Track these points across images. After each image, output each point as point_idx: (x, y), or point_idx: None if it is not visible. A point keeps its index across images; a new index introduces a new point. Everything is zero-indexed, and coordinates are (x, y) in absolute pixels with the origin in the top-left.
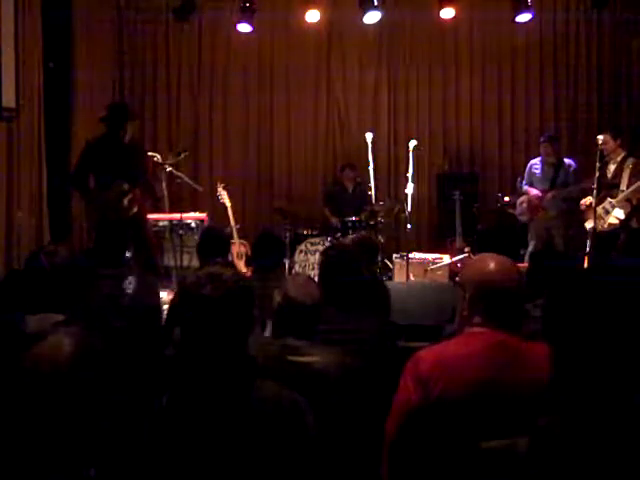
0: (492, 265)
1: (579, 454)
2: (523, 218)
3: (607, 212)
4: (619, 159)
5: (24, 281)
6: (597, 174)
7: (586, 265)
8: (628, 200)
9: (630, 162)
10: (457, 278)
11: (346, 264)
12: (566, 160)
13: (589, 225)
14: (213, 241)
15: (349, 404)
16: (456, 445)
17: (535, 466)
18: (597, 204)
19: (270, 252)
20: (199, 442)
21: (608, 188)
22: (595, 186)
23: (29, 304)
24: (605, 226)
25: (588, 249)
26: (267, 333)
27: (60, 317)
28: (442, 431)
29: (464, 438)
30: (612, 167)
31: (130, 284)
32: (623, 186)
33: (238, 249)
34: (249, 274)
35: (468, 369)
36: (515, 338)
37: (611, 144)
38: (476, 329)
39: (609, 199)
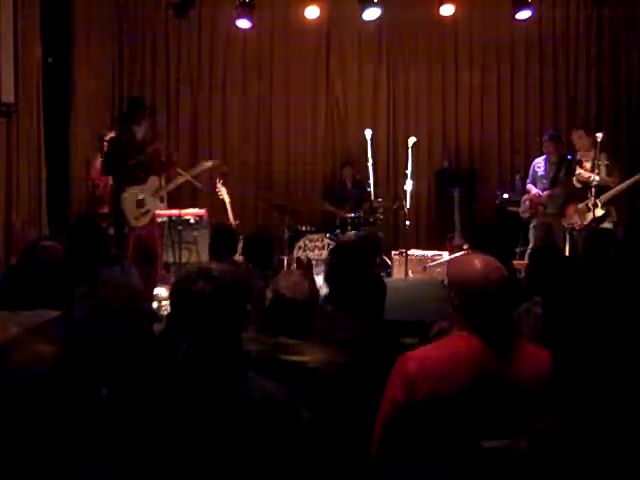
0: (477, 268)
1: (580, 456)
2: (525, 216)
3: (589, 209)
4: (592, 155)
5: (18, 276)
6: (593, 173)
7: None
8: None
9: (604, 157)
10: (445, 280)
11: (352, 265)
12: (570, 157)
13: (566, 222)
14: (225, 240)
15: (340, 403)
16: (440, 445)
17: (536, 466)
18: (579, 202)
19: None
20: (191, 437)
21: (587, 186)
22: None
23: (24, 299)
24: (585, 222)
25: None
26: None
27: (55, 313)
28: (426, 432)
29: (448, 439)
30: (588, 165)
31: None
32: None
33: None
34: None
35: (454, 372)
36: (501, 340)
37: (585, 140)
38: (463, 332)
39: (592, 198)
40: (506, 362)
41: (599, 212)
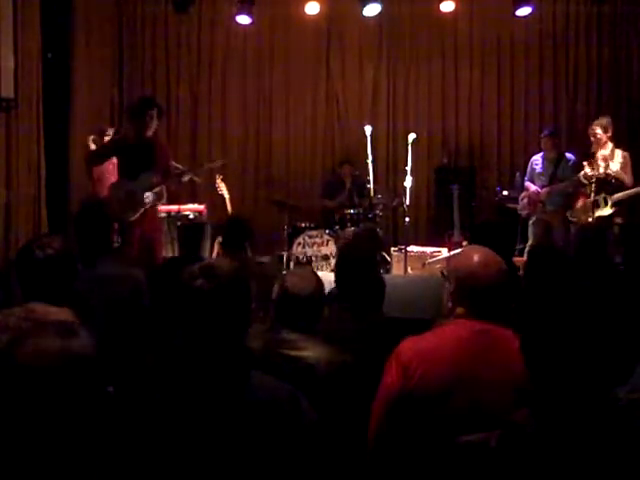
0: (475, 258)
1: (551, 449)
2: (523, 213)
3: (597, 206)
4: (608, 153)
5: (16, 273)
6: (601, 167)
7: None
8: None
9: (619, 156)
10: (444, 271)
11: (364, 263)
12: (567, 155)
13: (571, 215)
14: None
15: (338, 401)
16: (434, 430)
17: (507, 460)
18: (588, 197)
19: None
20: (194, 437)
21: (601, 183)
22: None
23: (24, 295)
24: (590, 220)
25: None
26: None
27: (56, 309)
28: (421, 416)
29: (442, 423)
30: (601, 160)
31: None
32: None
33: None
34: None
35: (447, 356)
36: (496, 326)
37: (603, 135)
38: (458, 320)
39: (603, 194)
40: (499, 347)
41: (607, 211)
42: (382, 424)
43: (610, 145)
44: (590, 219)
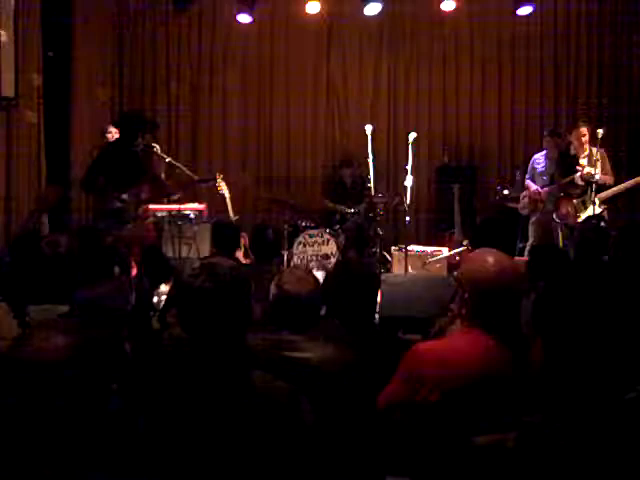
0: (491, 265)
1: (567, 451)
2: (524, 212)
3: (585, 207)
4: (587, 152)
5: (25, 270)
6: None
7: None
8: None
9: (598, 154)
10: (456, 274)
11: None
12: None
13: (558, 217)
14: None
15: (343, 400)
16: (446, 440)
17: (523, 461)
18: (575, 198)
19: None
20: (195, 436)
21: (588, 183)
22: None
23: (32, 294)
24: (579, 220)
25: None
26: None
27: (64, 308)
28: (432, 425)
29: (454, 432)
30: (584, 161)
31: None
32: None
33: None
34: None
35: (463, 368)
36: (512, 339)
37: (587, 136)
38: (474, 329)
39: (590, 193)
40: (515, 362)
41: (596, 210)
42: (391, 428)
43: (587, 145)
44: (579, 219)
